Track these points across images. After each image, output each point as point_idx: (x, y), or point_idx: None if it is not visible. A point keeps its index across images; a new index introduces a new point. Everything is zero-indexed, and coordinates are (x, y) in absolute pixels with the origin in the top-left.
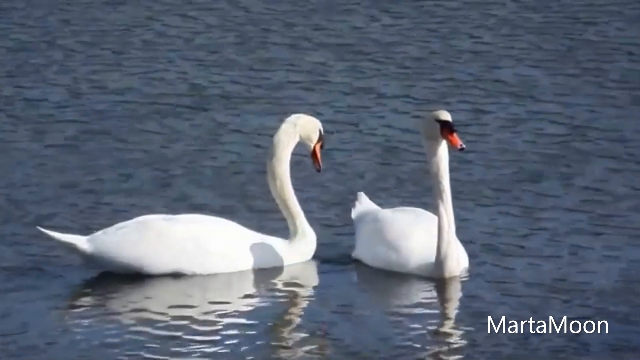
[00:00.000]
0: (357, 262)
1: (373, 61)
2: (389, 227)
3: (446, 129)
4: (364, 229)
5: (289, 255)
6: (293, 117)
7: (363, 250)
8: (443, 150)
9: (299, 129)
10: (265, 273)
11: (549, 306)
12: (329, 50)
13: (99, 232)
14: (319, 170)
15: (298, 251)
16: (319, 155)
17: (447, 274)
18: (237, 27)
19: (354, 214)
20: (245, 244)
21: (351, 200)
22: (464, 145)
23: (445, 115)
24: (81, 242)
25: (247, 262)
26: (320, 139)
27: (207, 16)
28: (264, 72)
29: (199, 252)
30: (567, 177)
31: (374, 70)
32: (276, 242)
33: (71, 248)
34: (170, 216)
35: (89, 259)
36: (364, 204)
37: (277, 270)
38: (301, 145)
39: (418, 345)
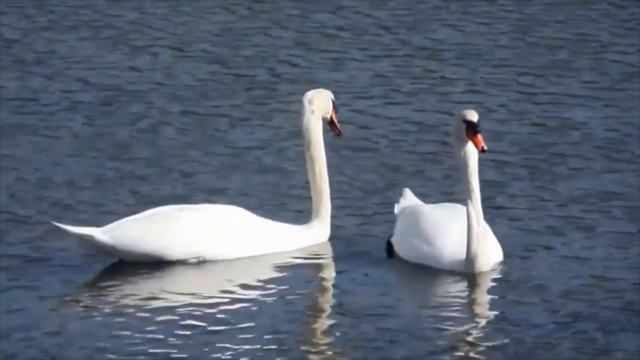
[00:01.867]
0: (390, 254)
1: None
2: (425, 221)
3: (470, 129)
4: (401, 222)
5: (304, 238)
6: (307, 102)
7: (398, 243)
8: (472, 149)
9: (318, 110)
10: (285, 260)
11: (574, 304)
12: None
13: (114, 224)
14: (339, 134)
15: (314, 234)
16: (336, 121)
17: (477, 271)
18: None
19: (397, 209)
20: (262, 229)
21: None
22: (485, 147)
23: (472, 116)
24: (98, 234)
25: (265, 247)
26: (334, 106)
27: (195, 9)
28: (256, 67)
29: (220, 238)
30: (544, 177)
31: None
32: (290, 227)
33: (88, 240)
34: (182, 206)
35: (107, 250)
36: (408, 199)
37: (297, 255)
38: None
39: (442, 341)
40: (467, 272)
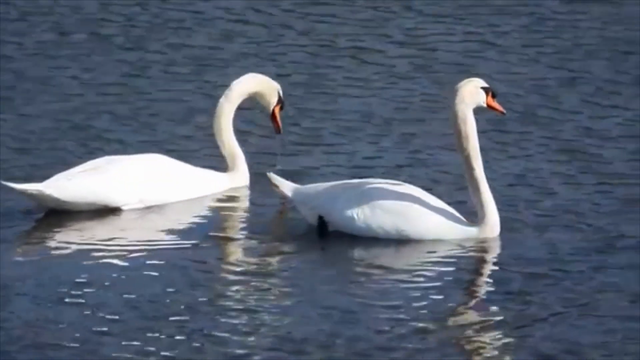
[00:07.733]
0: (322, 232)
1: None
2: (396, 198)
3: (489, 95)
4: (353, 203)
5: (228, 182)
6: (249, 75)
7: (360, 223)
8: (472, 116)
9: (255, 84)
10: (211, 204)
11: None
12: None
13: (55, 177)
14: (278, 132)
15: (235, 179)
16: (278, 117)
17: (496, 234)
18: None
19: (288, 191)
20: (192, 174)
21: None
22: (504, 111)
23: (484, 83)
24: (44, 188)
25: (197, 190)
26: (280, 101)
27: None
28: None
29: (159, 183)
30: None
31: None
32: (214, 172)
33: (35, 195)
34: (110, 157)
35: (53, 203)
36: (283, 182)
37: (238, 203)
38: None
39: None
40: (484, 237)
